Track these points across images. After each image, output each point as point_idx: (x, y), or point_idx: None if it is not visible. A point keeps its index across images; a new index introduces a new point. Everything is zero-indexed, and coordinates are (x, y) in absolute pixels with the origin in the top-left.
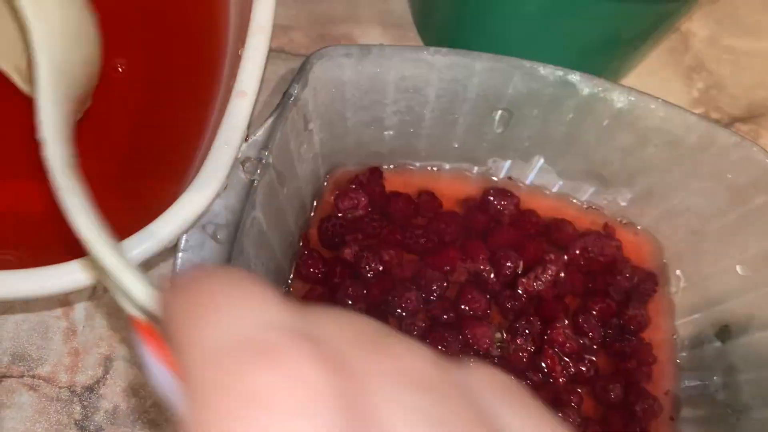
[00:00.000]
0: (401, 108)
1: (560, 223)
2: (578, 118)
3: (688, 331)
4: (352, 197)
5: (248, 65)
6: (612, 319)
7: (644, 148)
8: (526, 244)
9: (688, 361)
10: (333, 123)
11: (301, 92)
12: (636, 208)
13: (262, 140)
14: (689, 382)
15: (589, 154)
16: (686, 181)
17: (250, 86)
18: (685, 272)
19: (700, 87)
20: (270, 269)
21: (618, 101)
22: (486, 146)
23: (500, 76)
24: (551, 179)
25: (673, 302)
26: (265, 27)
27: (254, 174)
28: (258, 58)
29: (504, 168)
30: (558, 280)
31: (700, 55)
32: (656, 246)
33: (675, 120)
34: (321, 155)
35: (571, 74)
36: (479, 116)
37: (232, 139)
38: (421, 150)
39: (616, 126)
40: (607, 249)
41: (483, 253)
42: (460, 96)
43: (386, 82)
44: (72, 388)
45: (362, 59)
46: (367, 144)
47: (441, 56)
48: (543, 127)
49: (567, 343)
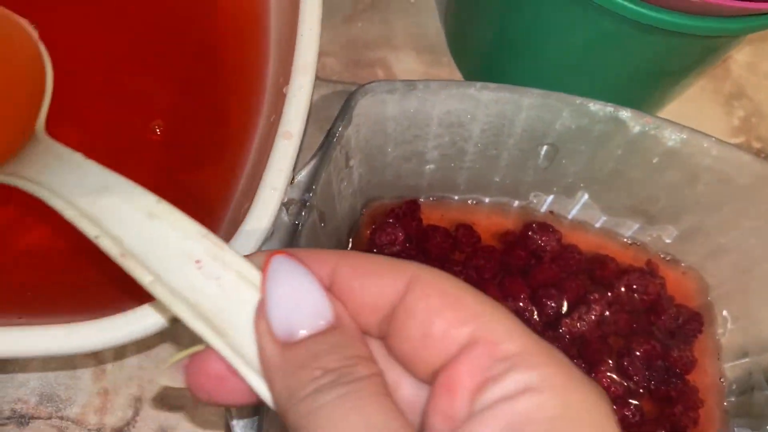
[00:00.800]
0: (443, 142)
1: (603, 258)
2: (627, 155)
3: (737, 374)
4: (389, 232)
5: (293, 105)
6: (657, 362)
7: (694, 185)
8: (568, 282)
9: (736, 407)
10: (373, 157)
11: (345, 130)
12: (681, 245)
13: (305, 182)
14: (739, 430)
15: (636, 191)
16: (737, 220)
17: (295, 128)
18: (732, 313)
19: (740, 115)
20: None
21: (669, 139)
22: (529, 181)
23: (549, 112)
24: (594, 214)
25: (719, 344)
26: (310, 65)
27: (298, 217)
28: (303, 98)
29: (546, 202)
30: (602, 321)
31: (741, 82)
32: (702, 284)
33: (728, 159)
34: (359, 190)
35: (622, 111)
36: (524, 151)
37: (277, 183)
38: (461, 184)
39: (665, 163)
40: (651, 287)
41: (524, 292)
42: (506, 131)
43: (430, 116)
44: (101, 429)
45: (407, 95)
46: (405, 178)
47: (488, 92)
48: (589, 162)
49: (612, 387)
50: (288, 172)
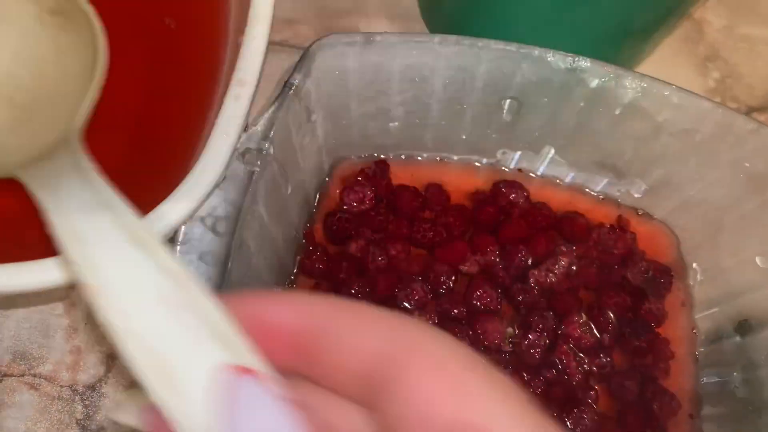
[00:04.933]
0: (407, 98)
1: (572, 215)
2: (589, 107)
3: (707, 325)
4: (358, 191)
5: (247, 53)
6: (627, 314)
7: (658, 137)
8: (538, 238)
9: (706, 356)
10: (337, 114)
11: (303, 82)
12: (651, 199)
13: (262, 131)
14: (708, 379)
15: (602, 144)
16: (703, 171)
17: (249, 75)
18: (702, 265)
19: (715, 77)
20: (273, 265)
21: (630, 88)
22: (495, 137)
23: (508, 63)
24: (563, 171)
25: (690, 296)
26: (264, 15)
27: (255, 165)
28: (257, 45)
29: (514, 159)
30: (571, 273)
31: (716, 44)
32: (672, 238)
33: (690, 107)
34: (325, 148)
35: (582, 61)
36: (487, 106)
37: (230, 129)
38: (428, 141)
39: (628, 114)
40: (621, 241)
41: (492, 246)
42: (468, 85)
43: (391, 71)
44: (73, 387)
45: (366, 48)
46: (372, 136)
47: (447, 44)
48: (553, 116)
49: (583, 338)
50: (241, 118)
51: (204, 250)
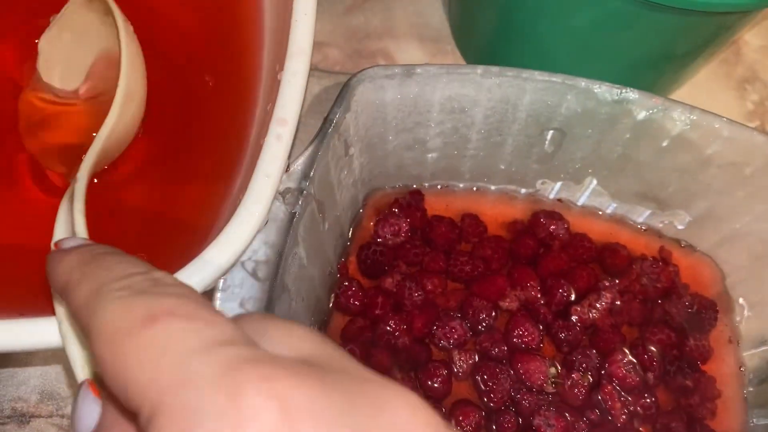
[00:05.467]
0: (446, 129)
1: (614, 246)
2: (635, 138)
3: (755, 363)
4: (393, 223)
5: (288, 91)
6: (672, 351)
7: (705, 169)
8: (579, 272)
9: (756, 396)
10: (374, 146)
11: (343, 117)
12: (695, 231)
13: (302, 170)
14: (758, 421)
15: (645, 176)
16: (750, 204)
17: (289, 113)
18: (749, 300)
19: (754, 99)
20: (310, 303)
21: (679, 120)
22: (535, 167)
23: (553, 95)
24: (604, 201)
25: (737, 332)
26: (304, 49)
27: (295, 206)
28: (298, 83)
29: (554, 190)
30: (614, 309)
31: (754, 65)
32: (717, 272)
33: (740, 140)
34: (360, 180)
35: (629, 93)
36: (529, 137)
37: (272, 170)
38: (465, 172)
39: (676, 146)
40: (665, 274)
41: (533, 281)
42: (510, 116)
43: (431, 102)
44: None
45: (406, 80)
46: (408, 166)
47: (490, 75)
48: (597, 147)
49: (628, 377)
50: (283, 159)
51: (245, 296)
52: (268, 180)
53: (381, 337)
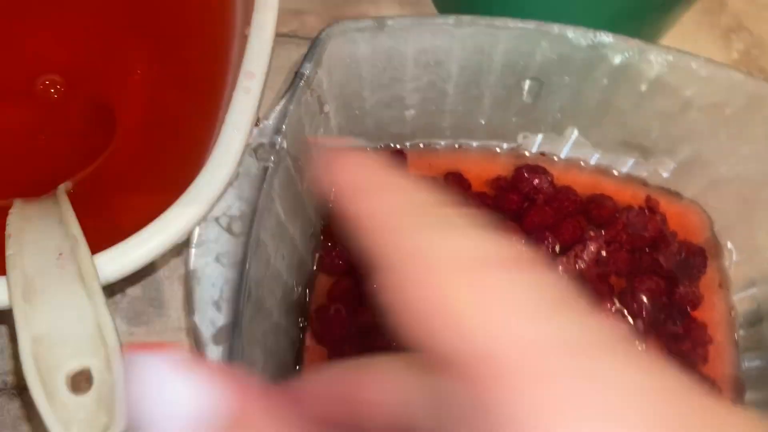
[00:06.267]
0: (422, 84)
1: (599, 198)
2: (613, 84)
3: (745, 307)
4: None
5: (255, 43)
6: (661, 299)
7: (686, 112)
8: (564, 224)
9: (747, 339)
10: (350, 104)
11: (314, 72)
12: (680, 178)
13: (274, 125)
14: (750, 363)
15: (627, 123)
16: (735, 146)
17: (257, 67)
18: (737, 244)
19: (739, 48)
20: (292, 263)
21: (655, 63)
22: (515, 120)
23: (527, 42)
24: (587, 152)
25: (727, 277)
26: (270, 2)
27: (268, 161)
28: (265, 36)
29: (536, 143)
30: (600, 259)
31: (739, 14)
32: (704, 218)
33: (719, 79)
34: None
35: (603, 36)
36: (507, 88)
37: (241, 123)
38: (446, 128)
39: (654, 90)
40: (651, 224)
41: (518, 236)
42: (485, 67)
43: (405, 56)
44: None
45: (378, 33)
46: (387, 125)
47: (462, 25)
48: (576, 95)
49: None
50: (251, 112)
51: (220, 251)
52: (236, 132)
53: (366, 296)
